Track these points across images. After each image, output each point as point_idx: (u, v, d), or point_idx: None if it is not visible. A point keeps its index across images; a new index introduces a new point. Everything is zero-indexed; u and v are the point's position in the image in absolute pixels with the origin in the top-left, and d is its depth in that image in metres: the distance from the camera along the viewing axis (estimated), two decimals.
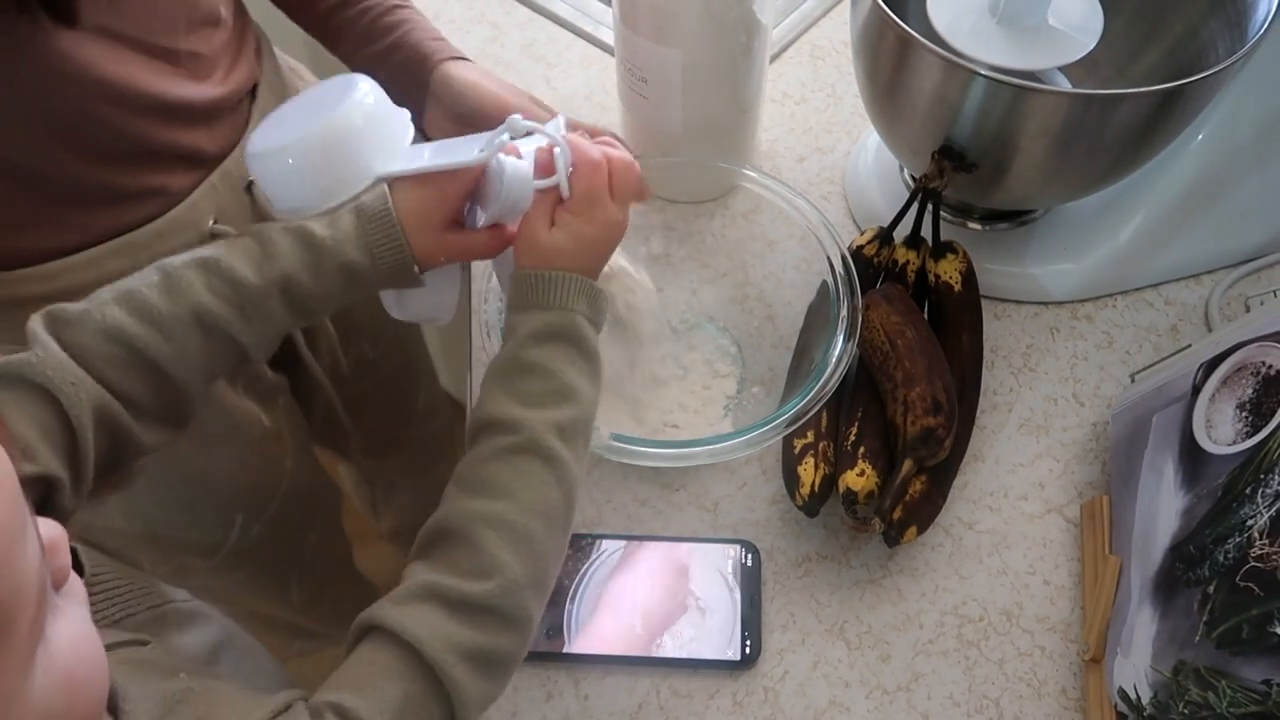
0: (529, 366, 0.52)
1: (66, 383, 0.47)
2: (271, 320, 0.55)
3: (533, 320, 0.54)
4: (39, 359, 0.47)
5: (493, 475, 0.49)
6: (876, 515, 0.65)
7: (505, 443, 0.50)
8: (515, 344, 0.53)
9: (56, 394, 0.46)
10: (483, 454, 0.50)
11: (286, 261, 0.54)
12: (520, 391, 0.51)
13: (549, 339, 0.53)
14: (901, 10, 0.68)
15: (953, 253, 0.76)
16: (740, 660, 0.66)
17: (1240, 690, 0.51)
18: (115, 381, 0.50)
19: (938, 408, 0.67)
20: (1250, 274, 0.82)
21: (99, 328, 0.50)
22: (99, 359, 0.49)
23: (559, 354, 0.53)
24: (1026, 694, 0.65)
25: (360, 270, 0.55)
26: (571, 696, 0.66)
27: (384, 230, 0.56)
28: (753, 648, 0.66)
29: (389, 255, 0.56)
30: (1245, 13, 0.69)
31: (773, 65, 0.98)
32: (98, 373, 0.49)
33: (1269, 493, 0.54)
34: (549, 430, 0.50)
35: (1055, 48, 0.70)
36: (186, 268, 0.53)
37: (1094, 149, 0.68)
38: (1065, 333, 0.81)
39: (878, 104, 0.77)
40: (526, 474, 0.49)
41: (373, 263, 0.56)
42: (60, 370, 0.47)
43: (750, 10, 0.73)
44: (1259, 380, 0.59)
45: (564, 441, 0.51)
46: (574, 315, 0.54)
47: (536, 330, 0.53)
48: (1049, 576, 0.70)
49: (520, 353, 0.53)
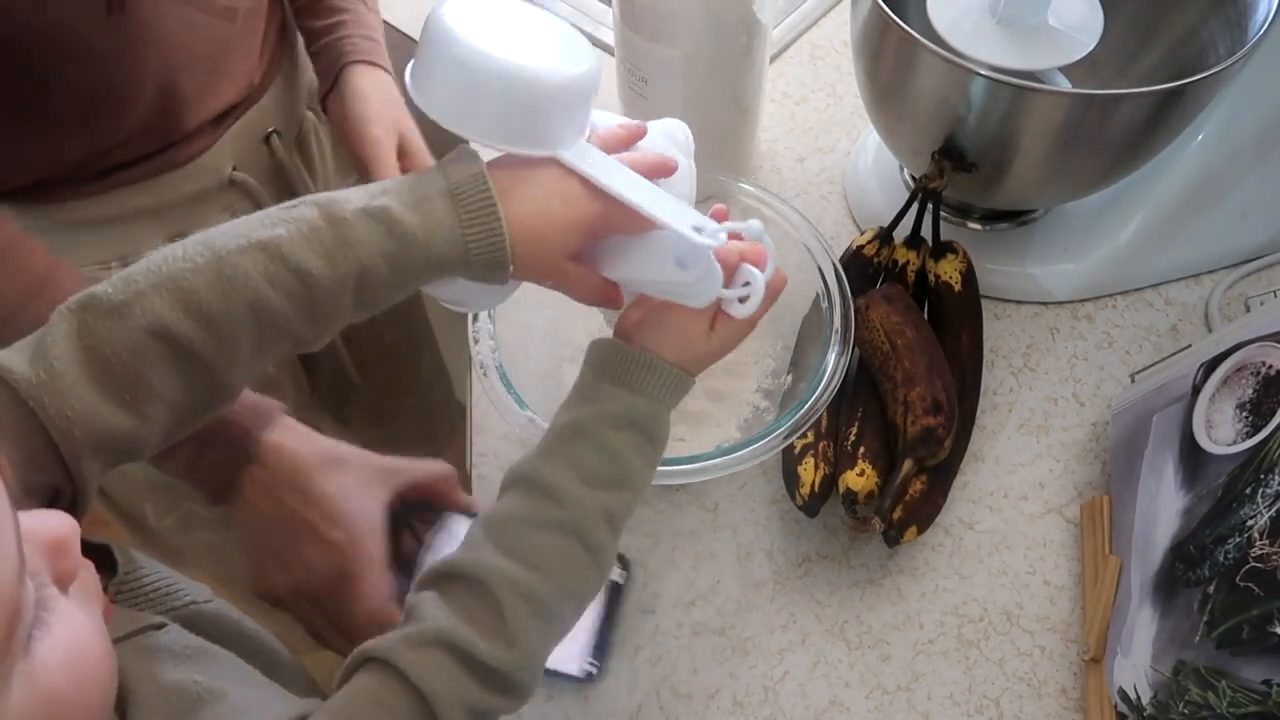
0: (600, 445, 0.50)
1: (62, 415, 0.42)
2: (338, 317, 0.48)
3: (621, 401, 0.51)
4: (39, 380, 0.42)
5: (534, 545, 0.48)
6: (876, 515, 0.65)
7: (553, 515, 0.48)
8: (596, 416, 0.50)
9: (48, 426, 0.42)
10: (527, 517, 0.48)
11: (364, 251, 0.46)
12: (583, 466, 0.49)
13: (630, 425, 0.51)
14: (901, 10, 0.68)
15: (953, 253, 0.76)
16: (583, 678, 0.64)
17: (1240, 690, 0.51)
18: (154, 381, 0.44)
19: (938, 408, 0.67)
20: (1250, 274, 0.82)
21: (140, 324, 0.44)
22: (137, 358, 0.44)
23: (634, 443, 0.51)
24: (1026, 694, 0.65)
25: (447, 267, 0.48)
26: (572, 697, 0.66)
27: (484, 225, 0.48)
28: (600, 669, 0.64)
29: (486, 252, 0.48)
30: (1245, 13, 0.69)
31: (773, 65, 0.98)
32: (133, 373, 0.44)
33: (1269, 493, 0.54)
34: (599, 515, 0.49)
35: (1055, 48, 0.70)
36: (242, 253, 0.45)
37: (1094, 149, 0.68)
38: (1065, 333, 0.81)
39: (878, 104, 0.77)
40: (567, 555, 0.48)
41: (465, 261, 0.48)
42: (59, 399, 0.42)
43: (750, 10, 0.73)
44: (1259, 380, 0.59)
45: (610, 527, 0.50)
46: (663, 409, 0.52)
47: (621, 415, 0.51)
48: (1049, 576, 0.70)
49: (597, 429, 0.50)
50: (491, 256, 0.48)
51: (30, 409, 0.42)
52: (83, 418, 0.43)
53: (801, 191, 0.90)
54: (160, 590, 0.46)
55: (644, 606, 0.69)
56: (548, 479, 0.49)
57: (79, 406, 0.43)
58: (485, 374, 0.66)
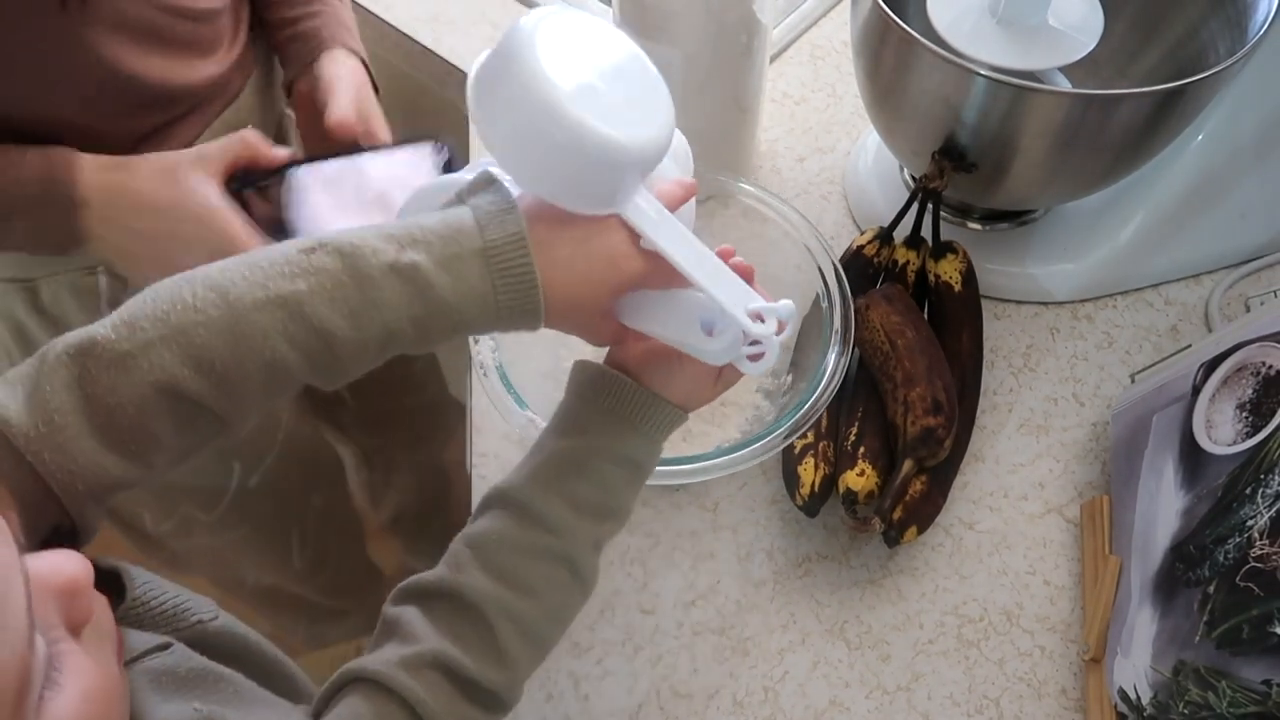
0: (596, 478, 0.50)
1: (64, 470, 0.40)
2: (355, 372, 0.46)
3: (621, 438, 0.51)
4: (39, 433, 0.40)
5: (525, 570, 0.48)
6: (876, 515, 0.65)
7: (545, 543, 0.48)
8: (594, 449, 0.50)
9: (48, 479, 0.40)
10: (518, 542, 0.48)
11: (391, 315, 0.43)
12: (577, 496, 0.49)
13: (627, 463, 0.51)
14: (901, 10, 0.68)
15: (953, 253, 0.76)
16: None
17: (1240, 690, 0.51)
18: (160, 434, 0.43)
19: (938, 408, 0.67)
20: (1250, 274, 0.82)
21: (147, 378, 0.41)
22: (144, 413, 0.42)
23: (628, 477, 0.51)
24: (1026, 694, 0.65)
25: (476, 330, 0.47)
26: (571, 697, 0.66)
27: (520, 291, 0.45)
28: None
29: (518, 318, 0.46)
30: (1245, 13, 0.69)
31: (773, 65, 0.98)
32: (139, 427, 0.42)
33: (1269, 493, 0.54)
34: (588, 544, 0.50)
35: (1055, 48, 0.70)
36: (259, 309, 0.42)
37: (1094, 149, 0.68)
38: (1065, 333, 0.81)
39: (878, 104, 0.77)
40: (557, 582, 0.49)
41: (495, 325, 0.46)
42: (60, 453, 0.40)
43: (750, 10, 0.73)
44: (1259, 380, 0.59)
45: (597, 552, 0.50)
46: (659, 446, 0.52)
47: (620, 452, 0.51)
48: (1049, 576, 0.70)
49: (594, 462, 0.50)
50: (524, 321, 0.47)
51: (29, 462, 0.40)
52: (86, 471, 0.41)
53: (801, 191, 0.90)
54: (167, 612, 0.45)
55: (644, 606, 0.69)
56: (541, 507, 0.49)
57: (82, 461, 0.41)
58: (485, 374, 0.66)
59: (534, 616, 0.48)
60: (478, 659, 0.45)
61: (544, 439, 0.52)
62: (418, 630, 0.45)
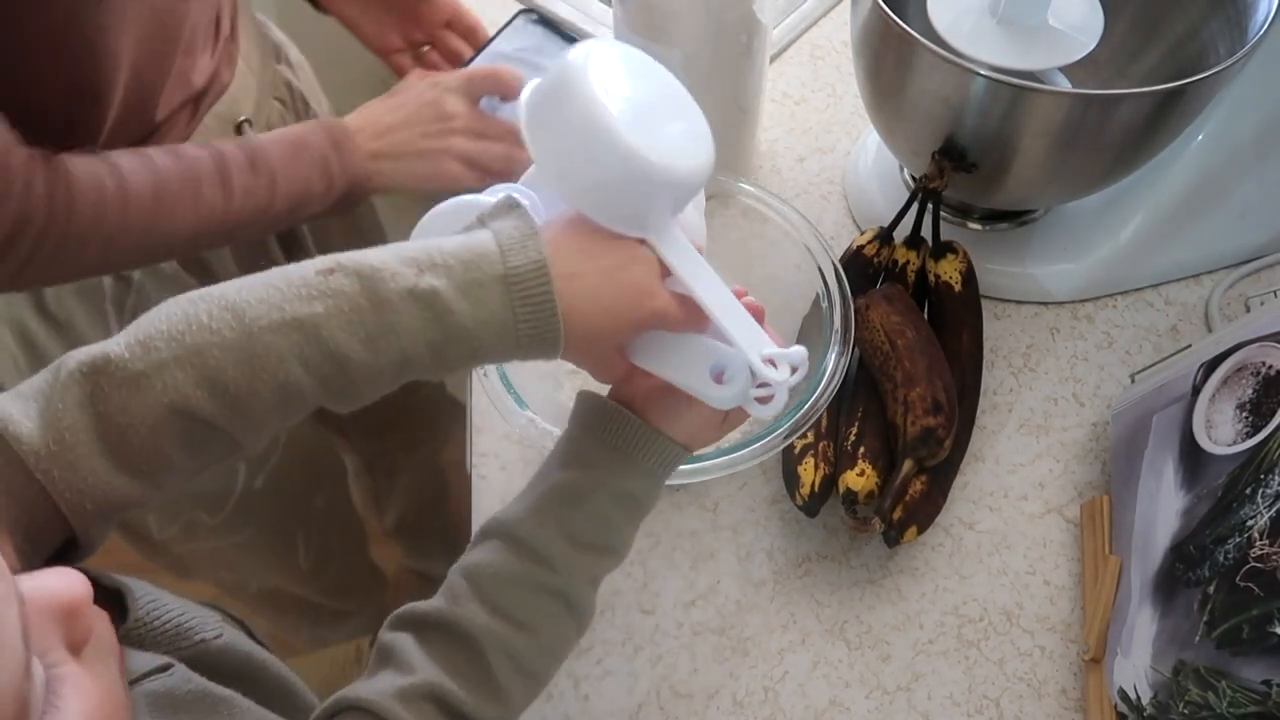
0: (596, 515, 0.50)
1: (73, 488, 0.40)
2: (369, 396, 0.46)
3: (624, 476, 0.50)
4: (49, 452, 0.40)
5: (522, 605, 0.48)
6: (876, 515, 0.65)
7: (543, 579, 0.48)
8: (595, 485, 0.50)
9: (56, 498, 0.40)
10: (515, 576, 0.48)
11: (408, 340, 0.43)
12: (576, 532, 0.49)
13: (628, 500, 0.51)
14: (901, 10, 0.68)
15: (953, 253, 0.76)
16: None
17: (1240, 690, 0.51)
18: (172, 454, 0.43)
19: (938, 408, 0.67)
20: (1250, 274, 0.82)
21: (160, 399, 0.41)
22: (157, 434, 0.42)
23: (628, 515, 0.51)
24: (1026, 694, 0.65)
25: (495, 354, 0.46)
26: (571, 697, 0.66)
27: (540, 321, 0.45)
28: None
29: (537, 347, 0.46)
30: (1245, 13, 0.69)
31: (773, 65, 0.98)
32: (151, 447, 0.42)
33: (1269, 493, 0.54)
34: (586, 580, 0.49)
35: (1055, 48, 0.70)
36: (274, 331, 0.42)
37: (1094, 149, 0.68)
38: (1065, 333, 0.81)
39: (878, 104, 0.77)
40: (553, 617, 0.49)
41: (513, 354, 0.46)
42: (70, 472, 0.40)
43: (750, 10, 0.73)
44: (1259, 380, 0.59)
45: (594, 588, 0.50)
46: (660, 484, 0.52)
47: (622, 490, 0.50)
48: (1049, 576, 0.70)
49: (595, 498, 0.49)
50: (542, 350, 0.46)
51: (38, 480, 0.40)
52: (95, 490, 0.41)
53: (801, 191, 0.89)
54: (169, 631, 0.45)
55: (644, 606, 0.69)
56: (540, 543, 0.48)
57: (92, 480, 0.41)
58: (485, 374, 0.66)
59: (530, 652, 0.47)
60: (473, 693, 0.45)
61: (546, 468, 0.51)
62: (414, 660, 0.45)
